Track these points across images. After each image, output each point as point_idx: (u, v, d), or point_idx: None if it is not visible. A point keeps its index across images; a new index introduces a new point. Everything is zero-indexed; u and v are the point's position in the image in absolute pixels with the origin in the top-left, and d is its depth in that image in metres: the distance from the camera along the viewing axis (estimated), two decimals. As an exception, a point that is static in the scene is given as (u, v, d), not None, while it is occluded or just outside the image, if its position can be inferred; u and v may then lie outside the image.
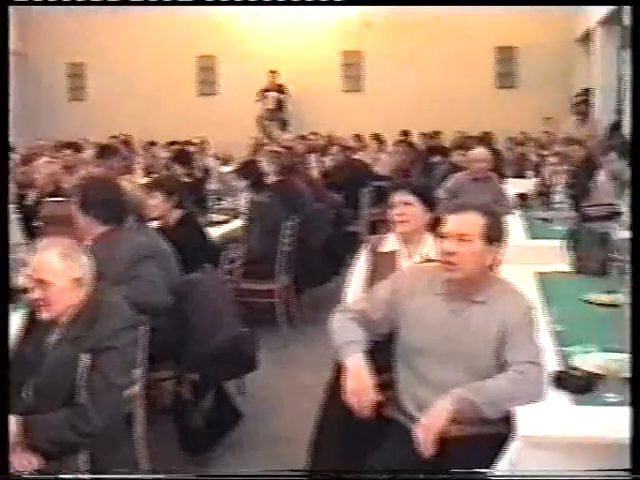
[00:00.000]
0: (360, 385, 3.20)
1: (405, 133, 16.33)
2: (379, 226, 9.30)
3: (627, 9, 10.42)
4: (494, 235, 3.33)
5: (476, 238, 3.27)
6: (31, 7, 15.10)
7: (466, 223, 3.30)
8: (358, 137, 15.68)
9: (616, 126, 12.02)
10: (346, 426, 3.37)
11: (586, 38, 15.14)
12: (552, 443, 2.80)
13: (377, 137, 15.42)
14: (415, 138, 16.14)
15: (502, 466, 2.77)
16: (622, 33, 11.08)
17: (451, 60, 17.98)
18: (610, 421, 2.87)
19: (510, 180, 10.51)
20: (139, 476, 3.04)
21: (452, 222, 3.33)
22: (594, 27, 13.98)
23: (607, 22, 12.94)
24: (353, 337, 3.35)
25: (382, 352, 3.46)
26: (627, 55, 10.81)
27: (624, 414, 2.82)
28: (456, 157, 10.34)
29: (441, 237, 3.36)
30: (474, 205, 3.40)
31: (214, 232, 7.25)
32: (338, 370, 3.38)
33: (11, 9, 3.51)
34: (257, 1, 11.94)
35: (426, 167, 12.15)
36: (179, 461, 4.71)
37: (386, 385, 3.41)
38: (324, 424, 3.60)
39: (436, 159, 12.42)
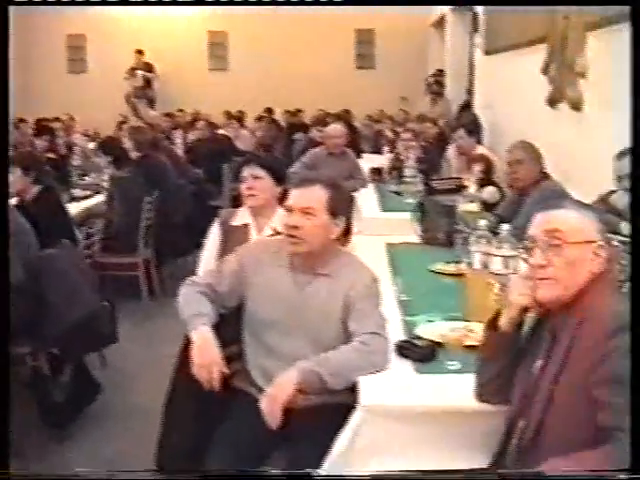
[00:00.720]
0: (207, 358, 3.04)
1: (269, 110, 16.22)
2: (241, 201, 9.15)
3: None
4: (339, 208, 3.20)
5: (320, 212, 3.14)
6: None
7: (309, 197, 3.16)
8: (229, 114, 15.47)
9: (466, 105, 12.17)
10: (195, 399, 3.23)
11: (440, 22, 15.24)
12: (395, 412, 2.71)
13: (241, 114, 15.25)
14: (278, 116, 16.04)
15: (345, 435, 2.66)
16: (473, 19, 11.21)
17: (313, 41, 17.91)
18: (451, 389, 2.79)
19: (367, 155, 10.52)
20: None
21: (296, 196, 3.20)
22: (447, 12, 14.10)
23: (459, 8, 13.08)
24: (200, 310, 3.18)
25: (231, 324, 3.33)
26: (477, 39, 10.91)
27: (465, 381, 2.76)
28: (315, 133, 10.32)
29: (286, 211, 3.23)
30: (317, 179, 3.27)
31: (76, 207, 7.04)
32: (187, 343, 3.22)
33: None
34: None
35: (288, 143, 12.11)
36: (40, 436, 4.53)
37: (234, 357, 3.28)
38: (174, 397, 3.45)
39: (298, 136, 12.40)
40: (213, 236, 4.24)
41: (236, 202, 9.36)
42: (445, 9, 14.10)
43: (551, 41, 6.90)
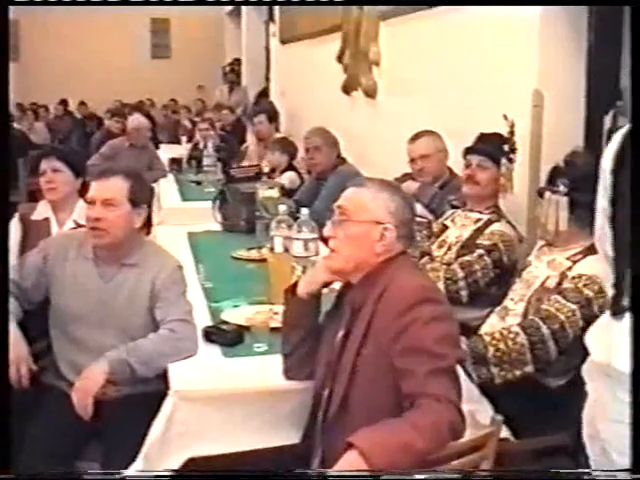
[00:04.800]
0: (14, 356, 3.01)
1: (63, 102, 15.86)
2: (39, 195, 8.98)
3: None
4: (140, 198, 3.23)
5: (121, 202, 3.16)
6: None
7: (110, 188, 3.18)
8: (21, 106, 15.01)
9: (263, 93, 12.31)
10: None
11: (236, 11, 15.29)
12: (205, 396, 2.76)
13: (35, 106, 14.86)
14: (73, 107, 15.76)
15: (158, 423, 2.69)
16: (268, 8, 11.33)
17: (108, 31, 17.64)
18: (259, 370, 2.88)
19: (165, 146, 10.47)
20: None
21: (96, 188, 3.20)
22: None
23: (244, 5, 13.25)
24: None
25: (37, 320, 3.30)
26: (273, 28, 11.05)
27: (272, 362, 2.86)
28: (112, 124, 10.21)
29: (87, 203, 3.22)
30: (117, 170, 3.29)
31: None
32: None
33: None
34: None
35: (84, 135, 11.95)
36: None
37: (42, 353, 3.27)
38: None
39: (93, 127, 12.25)
40: (12, 232, 4.12)
41: (33, 197, 9.18)
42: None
43: (345, 30, 7.09)
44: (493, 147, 3.91)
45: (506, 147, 3.89)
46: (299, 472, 2.39)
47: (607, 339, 2.07)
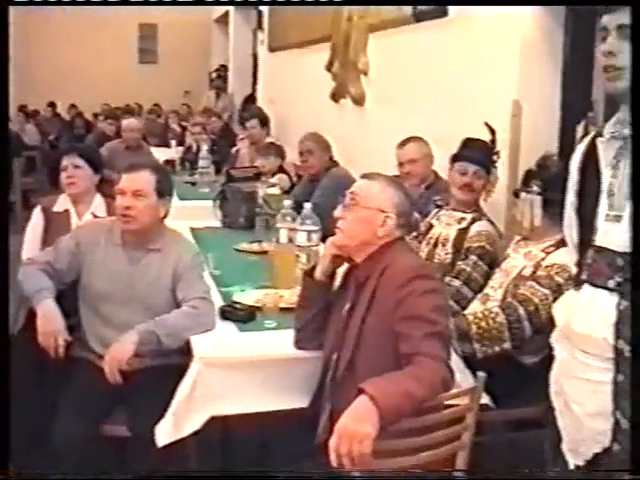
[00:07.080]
0: (52, 327, 3.40)
1: (52, 104, 16.13)
2: (32, 195, 9.35)
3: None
4: (164, 189, 3.66)
5: (149, 193, 3.58)
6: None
7: (139, 180, 3.59)
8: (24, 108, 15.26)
9: (250, 99, 12.61)
10: (38, 369, 3.53)
11: (224, 18, 15.52)
12: (226, 362, 3.14)
13: (24, 108, 15.11)
14: (61, 110, 16.03)
15: (185, 385, 3.06)
16: (257, 16, 11.64)
17: (96, 36, 17.90)
18: (271, 342, 3.29)
19: (153, 149, 10.76)
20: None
21: (127, 180, 3.60)
22: (231, 9, 14.42)
23: (244, 5, 13.46)
24: (42, 285, 3.54)
25: (70, 298, 3.68)
26: (261, 36, 11.39)
27: (281, 336, 3.27)
28: (105, 126, 10.50)
29: (118, 194, 3.61)
30: (145, 164, 3.73)
31: None
32: (30, 316, 3.56)
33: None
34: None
35: (72, 137, 12.23)
36: None
37: (74, 327, 3.63)
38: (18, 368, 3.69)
39: (81, 129, 12.54)
40: (35, 221, 4.48)
41: (26, 197, 9.50)
42: (230, 6, 14.41)
43: (335, 40, 7.46)
44: (485, 157, 4.28)
45: (495, 157, 4.29)
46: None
47: (569, 309, 2.54)
